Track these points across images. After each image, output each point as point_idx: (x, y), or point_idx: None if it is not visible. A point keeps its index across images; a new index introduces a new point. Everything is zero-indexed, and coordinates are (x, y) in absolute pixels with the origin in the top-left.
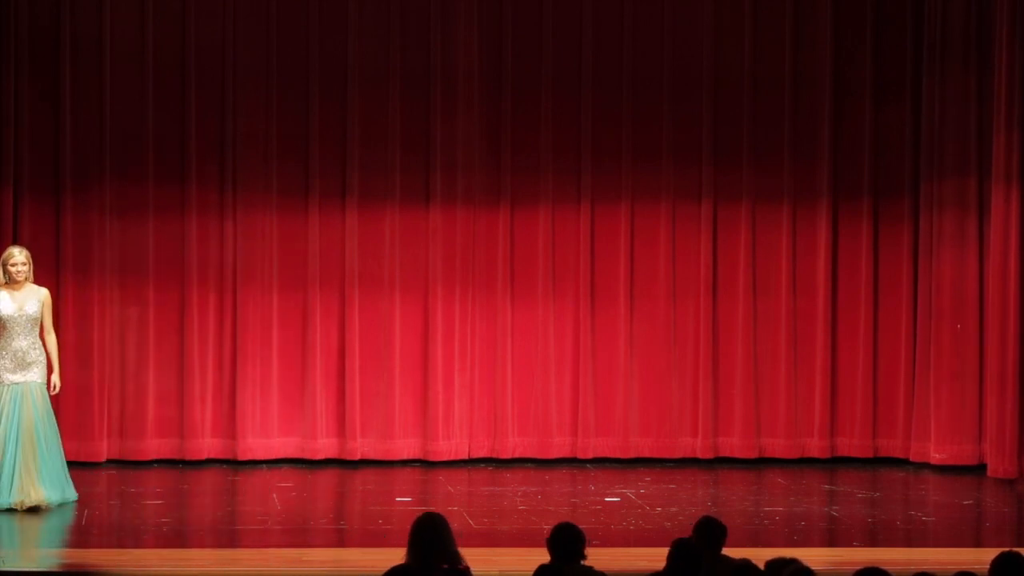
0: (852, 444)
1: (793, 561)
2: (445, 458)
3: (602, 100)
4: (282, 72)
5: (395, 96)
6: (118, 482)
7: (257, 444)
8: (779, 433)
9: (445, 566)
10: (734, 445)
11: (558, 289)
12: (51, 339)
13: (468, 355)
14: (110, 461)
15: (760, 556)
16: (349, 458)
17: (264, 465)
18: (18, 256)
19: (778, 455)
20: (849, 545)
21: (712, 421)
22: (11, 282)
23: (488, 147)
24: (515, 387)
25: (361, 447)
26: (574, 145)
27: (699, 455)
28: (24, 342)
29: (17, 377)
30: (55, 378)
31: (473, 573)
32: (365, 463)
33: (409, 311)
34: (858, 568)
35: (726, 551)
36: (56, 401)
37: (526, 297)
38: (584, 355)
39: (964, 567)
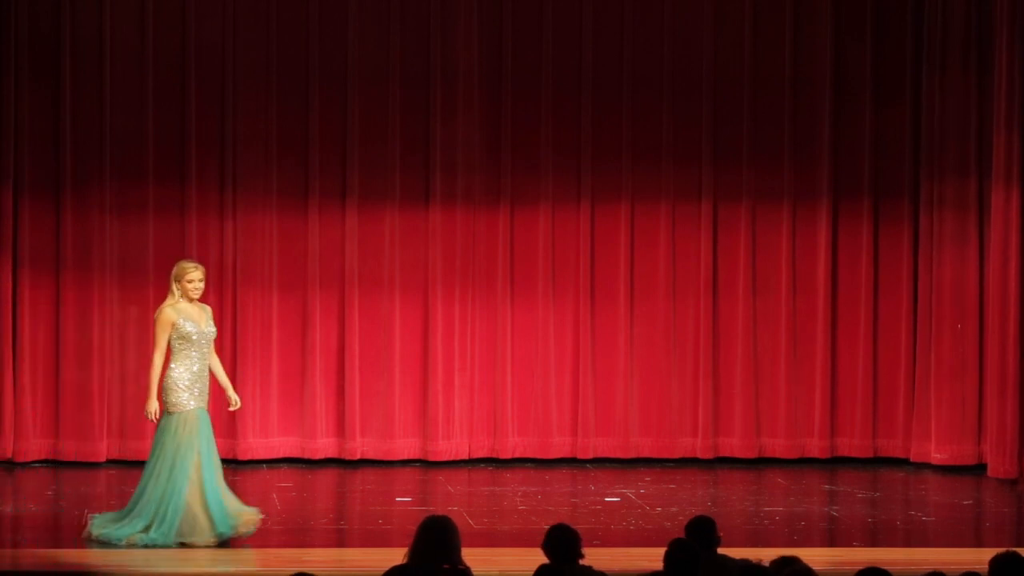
0: (852, 444)
1: (795, 560)
2: (445, 458)
3: (602, 100)
4: (282, 72)
5: (395, 96)
6: (118, 482)
7: (257, 444)
8: (779, 433)
9: (446, 566)
10: (734, 445)
11: (558, 289)
12: (216, 359)
13: (468, 355)
14: (110, 461)
15: (760, 556)
16: (349, 458)
17: (264, 465)
18: (194, 273)
19: (778, 455)
20: (849, 545)
21: (712, 421)
22: (184, 298)
23: (488, 147)
24: (515, 387)
25: (361, 447)
26: (574, 145)
27: (699, 455)
28: (204, 363)
29: (202, 401)
30: (235, 395)
31: (473, 573)
32: (365, 463)
33: (409, 311)
34: (858, 568)
35: (727, 551)
36: (57, 401)
37: (526, 297)
38: (584, 355)
39: (964, 567)
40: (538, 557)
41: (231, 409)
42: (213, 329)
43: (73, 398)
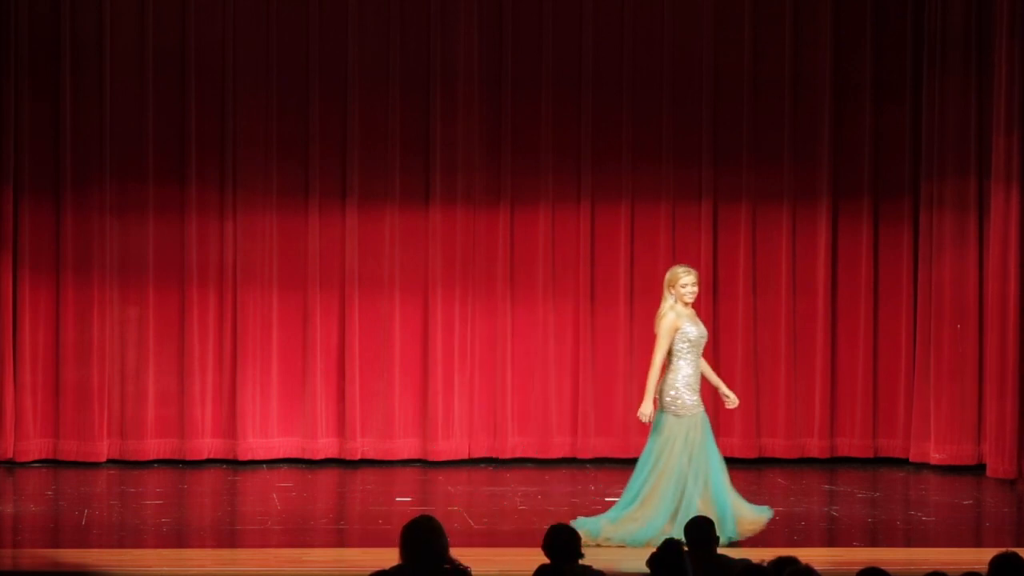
0: (852, 444)
1: (795, 561)
2: (445, 458)
3: (602, 100)
4: (282, 72)
5: (395, 96)
6: (118, 482)
7: (257, 444)
8: (779, 433)
9: (447, 566)
10: (734, 445)
11: (558, 289)
12: (703, 360)
13: (468, 355)
14: (110, 461)
15: (760, 556)
16: (349, 458)
17: (264, 465)
18: (687, 277)
19: (778, 455)
20: (849, 545)
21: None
22: (679, 302)
23: (488, 147)
24: (515, 387)
25: (361, 447)
26: (574, 145)
27: None
28: (699, 365)
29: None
30: (732, 393)
31: (473, 573)
32: (365, 463)
33: (409, 311)
34: (858, 568)
35: (726, 551)
36: (57, 401)
37: (526, 297)
38: (584, 355)
39: (964, 567)
40: (538, 557)
41: (729, 407)
42: (707, 331)
43: (73, 398)
